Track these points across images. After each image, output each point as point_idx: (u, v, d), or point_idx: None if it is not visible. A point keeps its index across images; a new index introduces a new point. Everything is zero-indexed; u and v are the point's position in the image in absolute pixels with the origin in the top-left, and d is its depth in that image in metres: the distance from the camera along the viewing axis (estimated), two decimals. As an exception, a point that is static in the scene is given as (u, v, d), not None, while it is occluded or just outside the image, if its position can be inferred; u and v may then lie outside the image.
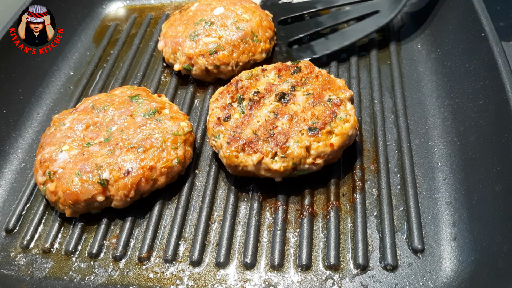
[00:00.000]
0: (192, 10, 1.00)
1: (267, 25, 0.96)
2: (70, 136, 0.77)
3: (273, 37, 0.98)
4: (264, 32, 0.95)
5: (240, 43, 0.91)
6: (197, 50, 0.91)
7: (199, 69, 0.92)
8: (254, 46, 0.92)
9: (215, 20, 0.95)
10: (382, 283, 0.64)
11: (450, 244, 0.66)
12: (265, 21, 0.97)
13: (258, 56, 0.93)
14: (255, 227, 0.71)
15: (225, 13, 0.96)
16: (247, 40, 0.92)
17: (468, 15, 0.86)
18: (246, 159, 0.70)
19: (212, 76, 0.93)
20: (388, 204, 0.71)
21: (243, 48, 0.91)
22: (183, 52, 0.92)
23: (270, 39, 0.96)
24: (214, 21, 0.94)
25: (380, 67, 0.94)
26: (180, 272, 0.68)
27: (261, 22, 0.95)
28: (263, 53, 0.94)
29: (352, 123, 0.72)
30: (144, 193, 0.74)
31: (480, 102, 0.76)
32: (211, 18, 0.95)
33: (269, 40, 0.95)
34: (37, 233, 0.75)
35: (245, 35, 0.92)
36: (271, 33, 0.97)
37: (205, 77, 0.94)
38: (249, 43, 0.92)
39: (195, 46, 0.91)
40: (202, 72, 0.92)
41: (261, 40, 0.94)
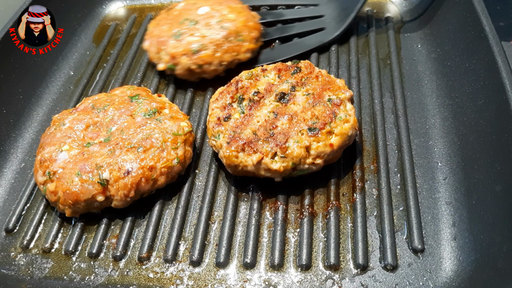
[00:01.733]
0: (178, 9, 0.99)
1: (253, 25, 0.96)
2: (70, 136, 0.77)
3: (258, 38, 0.97)
4: (249, 32, 0.94)
5: (224, 42, 0.91)
6: (181, 49, 0.90)
7: (182, 69, 0.91)
8: (238, 45, 0.92)
9: (199, 19, 0.94)
10: (382, 283, 0.64)
11: (450, 244, 0.66)
12: (251, 21, 0.96)
13: (242, 55, 0.93)
14: (255, 227, 0.71)
15: (210, 13, 0.95)
16: (231, 39, 0.91)
17: (468, 15, 0.86)
18: (246, 159, 0.70)
19: (196, 76, 0.93)
20: (388, 204, 0.71)
21: (227, 48, 0.91)
22: (167, 52, 0.92)
23: (255, 39, 0.95)
24: (198, 20, 0.94)
25: (380, 67, 0.94)
26: (180, 272, 0.68)
27: (246, 22, 0.95)
28: (248, 53, 0.93)
29: (352, 123, 0.72)
30: (144, 193, 0.74)
31: (480, 102, 0.76)
32: (196, 17, 0.95)
33: (254, 40, 0.94)
34: (37, 233, 0.75)
35: (229, 34, 0.91)
36: (257, 34, 0.96)
37: (188, 76, 0.93)
38: (233, 43, 0.91)
39: (178, 46, 0.91)
40: (186, 71, 0.92)
41: (246, 40, 0.93)
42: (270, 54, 0.99)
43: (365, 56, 0.97)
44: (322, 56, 0.98)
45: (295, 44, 1.01)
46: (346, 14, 1.00)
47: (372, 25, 1.03)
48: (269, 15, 1.08)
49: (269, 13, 1.09)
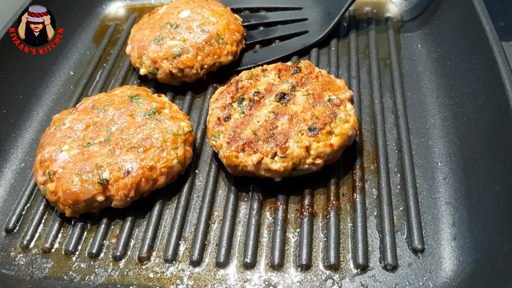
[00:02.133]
0: (159, 13, 0.99)
1: (234, 28, 0.95)
2: (70, 136, 0.77)
3: (241, 40, 0.97)
4: (231, 35, 0.94)
5: (205, 45, 0.91)
6: (161, 53, 0.90)
7: (164, 73, 0.91)
8: (219, 48, 0.91)
9: (180, 23, 0.94)
10: (382, 283, 0.64)
11: (450, 244, 0.66)
12: (233, 24, 0.96)
13: (223, 58, 0.92)
14: (255, 227, 0.71)
15: (191, 16, 0.95)
16: (213, 42, 0.91)
17: (468, 15, 0.86)
18: (246, 159, 0.70)
19: (178, 80, 0.93)
20: (388, 204, 0.71)
21: (208, 51, 0.91)
22: (148, 56, 0.91)
23: (237, 42, 0.95)
24: (179, 24, 0.94)
25: (380, 67, 0.94)
26: (180, 272, 0.68)
27: (228, 25, 0.95)
28: (229, 56, 0.93)
29: (352, 123, 0.72)
30: (144, 193, 0.74)
31: (480, 102, 0.76)
32: (177, 21, 0.94)
33: (236, 43, 0.94)
34: (37, 233, 0.75)
35: (210, 38, 0.91)
36: (239, 36, 0.96)
37: (170, 80, 0.93)
38: (214, 46, 0.91)
39: (159, 50, 0.91)
40: (167, 75, 0.92)
41: (227, 43, 0.92)
42: (253, 57, 1.00)
43: (365, 56, 0.97)
44: (322, 56, 0.98)
45: (278, 47, 1.01)
46: (330, 18, 1.00)
47: (372, 25, 1.03)
48: (253, 18, 1.08)
49: (253, 15, 1.10)
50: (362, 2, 1.10)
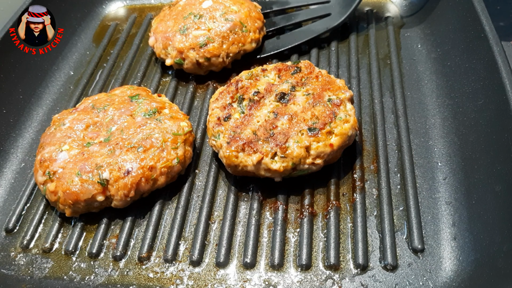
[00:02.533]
0: (181, 5, 1.00)
1: (256, 15, 0.97)
2: (70, 136, 0.77)
3: (262, 28, 0.98)
4: (253, 23, 0.95)
5: (230, 34, 0.92)
6: (187, 43, 0.92)
7: (190, 63, 0.92)
8: (243, 36, 0.93)
9: (203, 13, 0.95)
10: (382, 283, 0.64)
11: (450, 244, 0.66)
12: (254, 11, 0.98)
13: (248, 46, 0.94)
14: (255, 227, 0.71)
15: (213, 6, 0.97)
16: (237, 30, 0.93)
17: (468, 15, 0.86)
18: (246, 159, 0.70)
19: (204, 69, 0.94)
20: (388, 204, 0.71)
21: (233, 39, 0.92)
22: (174, 47, 0.92)
23: (259, 29, 0.97)
24: (203, 14, 0.95)
25: (380, 67, 0.94)
26: (180, 272, 0.68)
27: (249, 12, 0.96)
28: (253, 43, 0.95)
29: (352, 123, 0.72)
30: (144, 193, 0.74)
31: (480, 102, 0.76)
32: (200, 11, 0.96)
33: (258, 30, 0.96)
34: (37, 233, 0.75)
35: (234, 26, 0.93)
36: (260, 24, 0.98)
37: (197, 70, 0.94)
38: (239, 34, 0.93)
39: (185, 40, 0.92)
40: (194, 65, 0.93)
41: (251, 30, 0.94)
42: (276, 43, 1.00)
43: (365, 56, 0.97)
44: (322, 56, 0.98)
45: (300, 32, 1.01)
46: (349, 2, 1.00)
47: (372, 25, 1.03)
48: (275, 4, 1.08)
49: (275, 1, 1.09)
50: (362, 2, 1.09)
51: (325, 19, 1.02)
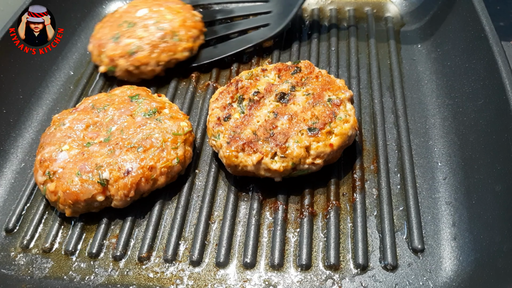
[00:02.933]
0: (119, 12, 1.02)
1: (191, 24, 0.97)
2: (70, 136, 0.77)
3: (198, 36, 0.98)
4: (187, 31, 0.95)
5: (160, 42, 0.92)
6: (118, 51, 0.92)
7: (121, 71, 0.93)
8: (174, 45, 0.93)
9: (137, 21, 0.96)
10: (382, 283, 0.64)
11: (450, 244, 0.66)
12: (190, 20, 0.98)
13: (179, 55, 0.94)
14: (255, 227, 0.71)
15: (148, 14, 0.97)
16: (167, 39, 0.93)
17: (468, 15, 0.86)
18: (246, 159, 0.70)
19: (135, 77, 0.95)
20: (388, 204, 0.71)
21: (163, 48, 0.92)
22: (106, 54, 0.94)
23: (194, 38, 0.96)
24: (136, 22, 0.96)
25: (380, 67, 0.94)
26: (180, 272, 0.68)
27: (184, 21, 0.96)
28: (185, 52, 0.95)
29: (352, 123, 0.72)
30: (144, 193, 0.74)
31: (480, 102, 0.76)
32: (134, 20, 0.97)
33: (192, 39, 0.96)
34: (37, 233, 0.75)
35: (165, 35, 0.93)
36: (196, 32, 0.97)
37: (128, 77, 0.95)
38: (169, 42, 0.93)
39: (116, 48, 0.93)
40: (124, 73, 0.94)
41: (183, 39, 0.94)
42: (212, 52, 1.00)
43: (365, 56, 0.97)
44: (322, 56, 0.98)
45: (237, 41, 1.02)
46: (290, 9, 1.00)
47: (372, 25, 1.03)
48: (219, 13, 1.09)
49: (219, 10, 1.10)
50: (362, 2, 1.10)
51: (264, 29, 1.02)
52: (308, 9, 1.11)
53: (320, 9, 1.10)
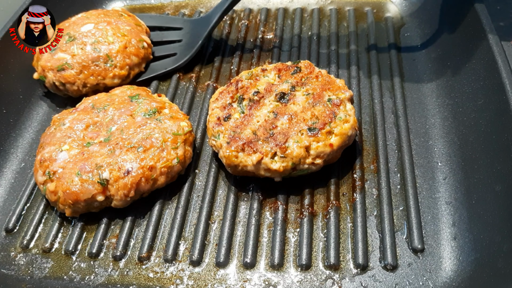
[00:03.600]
0: (71, 21, 0.99)
1: (132, 51, 0.93)
2: (70, 135, 0.77)
3: (138, 64, 0.94)
4: (124, 58, 0.92)
5: (91, 64, 0.90)
6: (49, 63, 0.91)
7: (48, 83, 0.92)
8: (105, 70, 0.90)
9: (78, 36, 0.93)
10: (382, 283, 0.64)
11: (450, 244, 0.66)
12: (133, 47, 0.93)
13: (108, 81, 0.91)
14: (255, 227, 0.71)
15: (92, 31, 0.94)
16: (99, 63, 0.90)
17: (468, 15, 0.86)
18: (246, 159, 0.70)
19: (62, 92, 0.93)
20: (388, 204, 0.71)
21: (93, 71, 0.90)
22: (40, 63, 0.92)
23: (131, 65, 0.93)
24: (76, 37, 0.93)
25: (380, 67, 0.94)
26: (180, 272, 0.68)
27: (125, 47, 0.92)
28: (116, 79, 0.91)
29: (352, 123, 0.72)
30: (144, 193, 0.74)
31: (480, 101, 0.76)
32: (76, 34, 0.94)
33: (128, 67, 0.92)
34: (37, 232, 0.75)
35: (97, 58, 0.90)
36: (136, 60, 0.93)
37: (55, 91, 0.94)
38: (101, 67, 0.90)
39: (49, 59, 0.91)
40: (51, 86, 0.92)
41: (116, 66, 0.91)
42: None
43: (365, 56, 0.97)
44: (322, 56, 0.98)
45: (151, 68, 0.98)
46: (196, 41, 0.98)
47: (372, 25, 1.03)
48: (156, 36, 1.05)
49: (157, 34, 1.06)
50: (362, 2, 1.10)
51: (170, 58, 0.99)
52: (308, 9, 1.11)
53: (320, 9, 1.10)
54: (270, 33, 1.06)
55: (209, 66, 1.00)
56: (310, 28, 1.05)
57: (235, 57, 1.01)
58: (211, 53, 1.03)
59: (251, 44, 1.04)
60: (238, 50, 1.02)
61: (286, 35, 1.05)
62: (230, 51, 1.03)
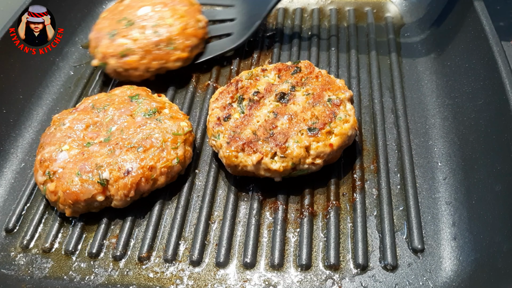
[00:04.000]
0: (124, 4, 0.97)
1: (191, 32, 0.92)
2: (70, 135, 0.77)
3: (198, 45, 0.94)
4: (184, 40, 0.91)
5: (153, 49, 0.88)
6: (111, 50, 0.90)
7: (111, 69, 0.92)
8: (167, 54, 0.89)
9: (136, 20, 0.92)
10: (382, 283, 0.64)
11: (450, 244, 0.66)
12: (191, 28, 0.92)
13: (171, 64, 0.90)
14: (255, 227, 0.71)
15: (149, 14, 0.93)
16: (161, 46, 0.89)
17: (468, 15, 0.86)
18: (246, 159, 0.70)
19: (123, 78, 0.93)
20: (388, 204, 0.71)
21: (156, 55, 0.88)
22: (100, 50, 0.91)
23: (191, 47, 0.92)
24: (135, 21, 0.92)
25: (380, 67, 0.94)
26: (180, 272, 0.68)
27: (184, 29, 0.91)
28: (178, 62, 0.91)
29: (352, 123, 0.72)
30: (144, 193, 0.74)
31: (480, 101, 0.76)
32: (134, 18, 0.92)
33: (189, 49, 0.91)
34: (37, 232, 0.75)
35: (159, 42, 0.89)
36: (196, 41, 0.93)
37: (117, 77, 0.94)
38: (163, 50, 0.89)
39: (110, 46, 0.90)
40: (113, 72, 0.92)
41: (178, 49, 0.90)
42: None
43: (365, 56, 0.97)
44: (322, 56, 0.98)
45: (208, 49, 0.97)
46: (253, 21, 0.96)
47: (372, 25, 1.03)
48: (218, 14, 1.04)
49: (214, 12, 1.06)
50: (362, 2, 1.10)
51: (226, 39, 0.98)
52: (308, 9, 1.11)
53: (320, 9, 1.10)
54: (270, 33, 1.06)
55: (209, 66, 1.00)
56: (310, 28, 1.05)
57: (235, 57, 1.01)
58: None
59: (251, 44, 1.04)
60: (238, 50, 1.02)
61: (286, 35, 1.05)
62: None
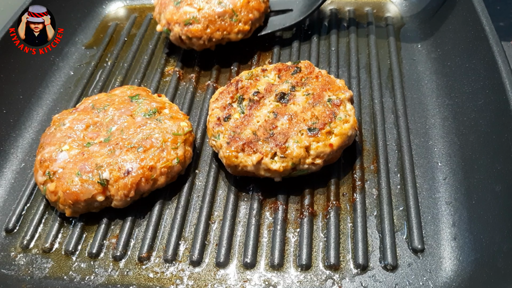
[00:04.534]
0: None
1: (255, 5, 0.94)
2: (70, 136, 0.77)
3: (259, 19, 0.96)
4: (247, 13, 0.92)
5: (217, 19, 0.90)
6: (176, 17, 0.91)
7: (174, 36, 0.93)
8: (230, 25, 0.91)
9: None
10: (382, 283, 0.64)
11: (450, 244, 0.66)
12: (255, 1, 0.94)
13: (233, 35, 0.92)
14: (255, 227, 0.71)
15: None
16: (225, 18, 0.91)
17: (468, 15, 0.86)
18: (246, 159, 0.70)
19: (186, 46, 0.95)
20: (388, 204, 0.71)
21: (219, 26, 0.91)
22: (164, 16, 0.93)
23: (253, 20, 0.94)
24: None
25: (380, 67, 0.94)
26: (180, 272, 0.68)
27: (248, 2, 0.93)
28: (240, 34, 0.93)
29: (352, 123, 0.72)
30: (144, 193, 0.74)
31: (480, 102, 0.76)
32: None
33: (251, 22, 0.93)
34: (37, 233, 0.75)
35: (224, 13, 0.91)
36: (258, 15, 0.94)
37: (179, 44, 0.95)
38: (226, 21, 0.91)
39: (175, 13, 0.92)
40: (177, 39, 0.94)
41: (241, 21, 0.92)
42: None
43: (365, 56, 0.97)
44: (322, 56, 0.98)
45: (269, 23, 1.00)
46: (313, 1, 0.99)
47: (372, 25, 1.03)
48: None
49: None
50: (362, 2, 1.10)
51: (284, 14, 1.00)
52: (308, 9, 1.11)
53: (320, 9, 1.10)
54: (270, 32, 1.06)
55: (209, 66, 1.00)
56: (310, 28, 1.05)
57: (235, 57, 1.01)
58: (211, 52, 1.03)
59: (251, 44, 1.03)
60: (238, 50, 1.02)
61: (286, 35, 1.05)
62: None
